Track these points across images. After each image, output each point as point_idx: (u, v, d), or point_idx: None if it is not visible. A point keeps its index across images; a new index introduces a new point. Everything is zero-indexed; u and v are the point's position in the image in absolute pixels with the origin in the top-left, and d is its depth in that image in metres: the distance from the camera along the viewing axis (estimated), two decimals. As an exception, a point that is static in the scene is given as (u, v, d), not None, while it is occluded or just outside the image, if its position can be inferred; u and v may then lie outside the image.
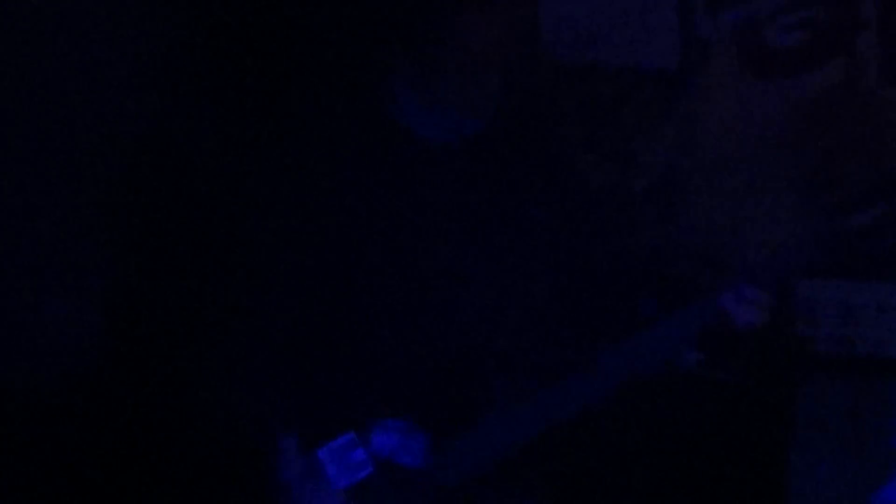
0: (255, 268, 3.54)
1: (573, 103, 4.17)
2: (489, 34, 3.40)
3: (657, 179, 4.18)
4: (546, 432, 3.45)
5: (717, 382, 3.89)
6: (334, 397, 3.47)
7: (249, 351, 3.52)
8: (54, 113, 3.97)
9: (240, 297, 3.54)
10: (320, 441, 3.40)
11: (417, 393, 3.48)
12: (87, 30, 3.96)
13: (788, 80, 4.07)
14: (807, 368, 3.99)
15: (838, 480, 4.09)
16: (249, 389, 3.52)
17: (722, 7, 4.09)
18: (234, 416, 3.56)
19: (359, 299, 3.48)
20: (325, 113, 3.62)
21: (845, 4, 4.02)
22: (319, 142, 3.52)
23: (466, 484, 3.48)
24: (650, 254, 3.97)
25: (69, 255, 4.05)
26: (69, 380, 4.05)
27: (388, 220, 3.50)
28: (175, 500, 3.99)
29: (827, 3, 4.04)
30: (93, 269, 4.06)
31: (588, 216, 3.69)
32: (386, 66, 3.50)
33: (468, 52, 3.39)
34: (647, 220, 4.14)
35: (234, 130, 4.00)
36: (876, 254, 3.88)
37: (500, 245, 3.53)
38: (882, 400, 4.05)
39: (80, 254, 4.04)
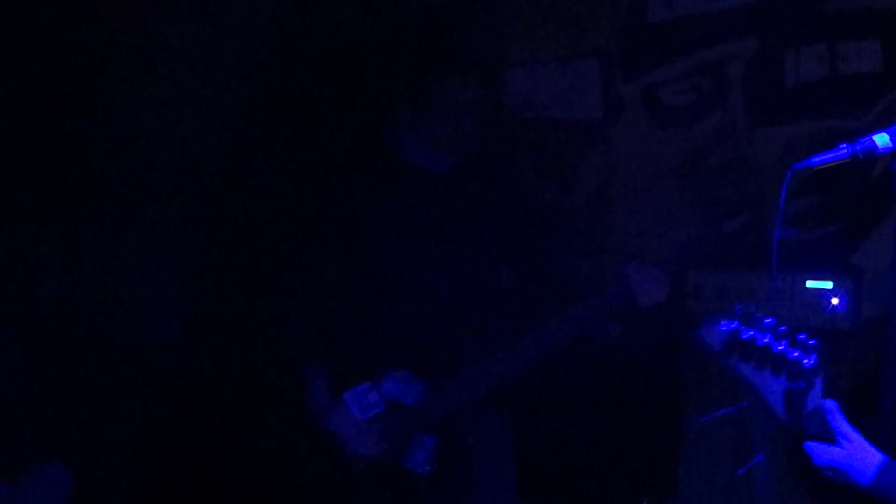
0: (305, 264, 3.96)
1: (528, 143, 4.81)
2: (467, 93, 3.87)
3: (589, 198, 4.78)
4: (505, 381, 3.91)
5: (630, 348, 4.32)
6: (357, 355, 3.91)
7: (300, 326, 3.92)
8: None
9: (297, 288, 3.95)
10: (345, 386, 3.86)
11: (416, 353, 3.90)
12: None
13: (681, 128, 4.72)
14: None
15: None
16: (298, 351, 3.93)
17: (632, 76, 4.74)
18: (286, 370, 3.95)
19: (375, 285, 3.92)
20: (350, 154, 4.13)
21: (720, 73, 4.64)
22: (346, 171, 4.00)
23: (450, 416, 3.93)
24: (584, 250, 4.54)
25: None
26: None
27: (394, 225, 3.93)
28: (230, 423, 4.46)
29: (706, 72, 4.66)
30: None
31: (538, 223, 4.18)
32: (393, 117, 3.96)
33: (452, 106, 3.84)
34: (583, 227, 4.69)
35: (283, 168, 4.60)
36: (742, 249, 4.43)
37: (475, 244, 3.97)
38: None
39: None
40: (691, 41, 4.71)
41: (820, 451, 2.26)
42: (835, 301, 4.41)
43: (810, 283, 4.44)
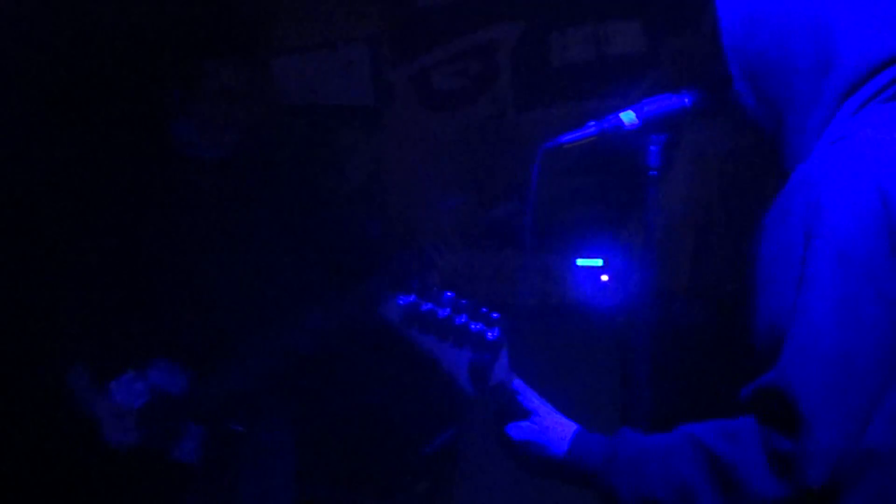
0: (72, 252, 3.89)
1: (301, 130, 4.76)
2: (235, 79, 3.81)
3: (363, 183, 4.82)
4: (277, 368, 3.86)
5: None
6: (123, 345, 3.83)
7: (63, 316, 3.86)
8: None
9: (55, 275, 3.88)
10: (111, 377, 3.77)
11: (186, 342, 3.83)
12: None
13: (452, 112, 4.79)
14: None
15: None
16: (63, 339, 3.85)
17: (402, 61, 4.79)
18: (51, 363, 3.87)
19: (146, 274, 3.85)
20: (118, 142, 4.04)
21: (488, 56, 4.72)
22: (112, 160, 3.93)
23: (219, 404, 3.84)
24: (363, 233, 4.51)
25: None
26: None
27: (165, 215, 3.87)
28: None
29: (475, 56, 4.74)
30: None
31: (314, 211, 4.10)
32: (161, 106, 3.89)
33: (220, 92, 3.79)
34: (360, 211, 4.72)
35: (48, 157, 4.46)
36: (509, 232, 4.39)
37: (251, 233, 3.92)
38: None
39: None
40: (460, 25, 4.77)
41: (516, 428, 2.28)
42: (604, 278, 4.52)
43: (580, 261, 4.55)
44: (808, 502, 1.92)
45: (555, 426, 2.26)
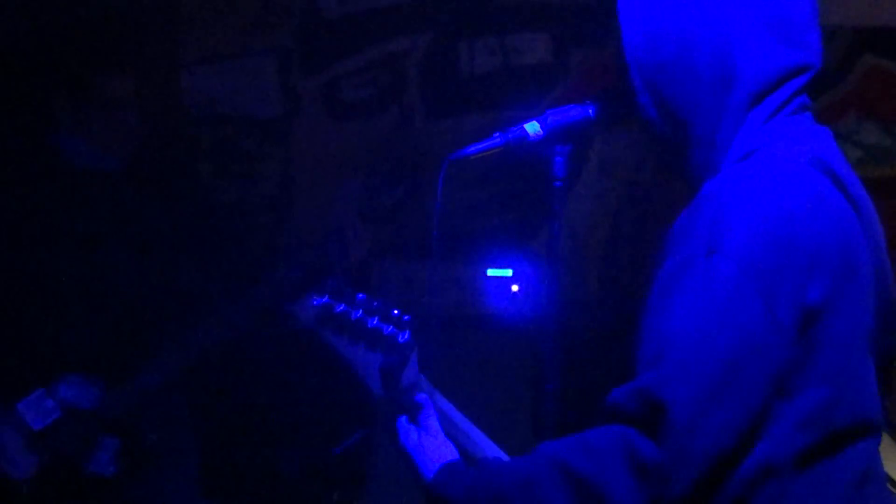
0: None
1: (207, 141, 4.80)
2: (126, 89, 3.78)
3: (272, 194, 4.82)
4: (184, 371, 3.83)
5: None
6: (27, 363, 3.77)
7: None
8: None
9: None
10: (17, 396, 3.70)
11: (92, 355, 3.78)
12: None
13: (360, 122, 4.81)
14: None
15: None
16: None
17: (310, 71, 4.80)
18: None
19: (45, 290, 3.79)
20: (8, 156, 3.97)
21: (397, 66, 4.76)
22: (4, 175, 3.85)
23: (130, 415, 3.81)
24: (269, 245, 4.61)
25: None
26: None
27: (61, 228, 3.81)
28: None
29: (384, 66, 4.77)
30: None
31: (217, 223, 4.18)
32: (52, 116, 3.83)
33: (112, 103, 3.76)
34: (264, 221, 4.73)
35: None
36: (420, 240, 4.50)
37: (153, 244, 3.89)
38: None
39: None
40: (368, 35, 4.80)
41: (403, 433, 2.29)
42: (515, 288, 4.52)
43: (491, 272, 4.56)
44: None
45: (434, 448, 2.25)
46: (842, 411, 2.03)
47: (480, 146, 2.43)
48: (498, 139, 2.43)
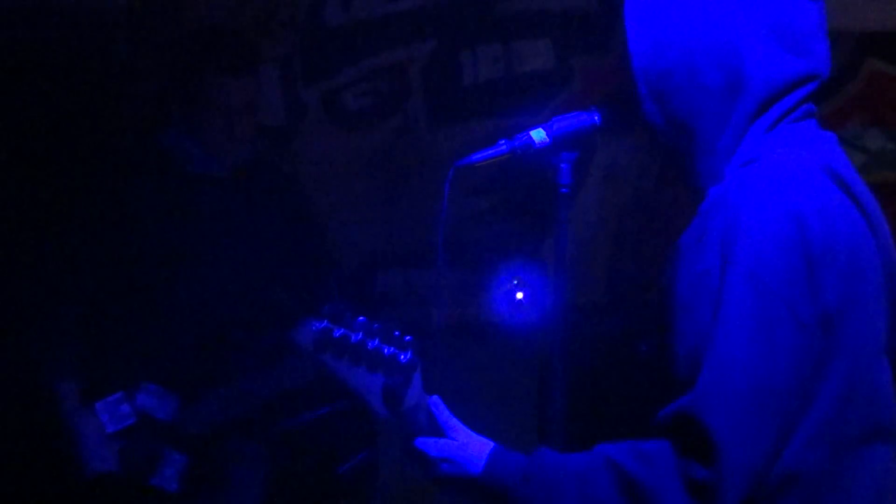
0: (65, 268, 3.84)
1: None
2: (243, 95, 3.79)
3: None
4: (264, 405, 3.85)
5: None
6: (113, 365, 3.81)
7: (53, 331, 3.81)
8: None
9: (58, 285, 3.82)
10: (98, 397, 3.76)
11: (175, 367, 3.80)
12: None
13: (364, 131, 4.80)
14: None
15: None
16: (52, 354, 3.82)
17: (312, 81, 4.78)
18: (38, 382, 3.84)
19: (140, 293, 3.80)
20: (119, 156, 4.06)
21: (400, 75, 4.75)
22: (113, 173, 3.90)
23: (203, 436, 3.82)
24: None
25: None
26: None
27: (163, 230, 3.83)
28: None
29: (386, 74, 4.76)
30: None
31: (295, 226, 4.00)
32: (164, 118, 3.89)
33: (225, 108, 3.76)
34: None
35: (46, 170, 4.44)
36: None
37: (249, 254, 3.88)
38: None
39: None
40: (371, 44, 4.78)
41: (432, 445, 2.26)
42: (520, 295, 4.53)
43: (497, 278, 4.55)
44: None
45: (470, 444, 2.24)
46: (857, 415, 2.04)
47: (486, 153, 2.44)
48: (504, 146, 2.44)
